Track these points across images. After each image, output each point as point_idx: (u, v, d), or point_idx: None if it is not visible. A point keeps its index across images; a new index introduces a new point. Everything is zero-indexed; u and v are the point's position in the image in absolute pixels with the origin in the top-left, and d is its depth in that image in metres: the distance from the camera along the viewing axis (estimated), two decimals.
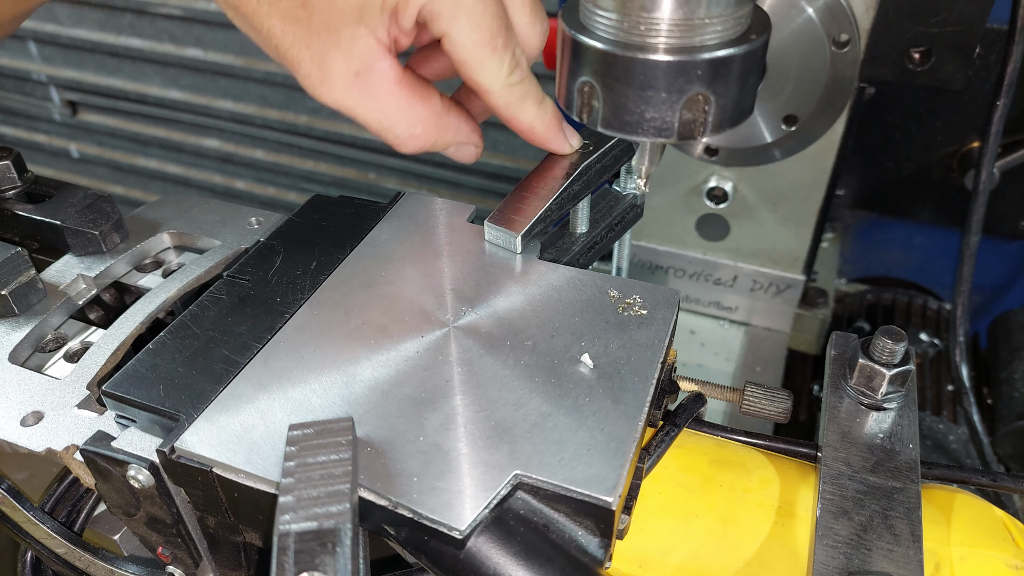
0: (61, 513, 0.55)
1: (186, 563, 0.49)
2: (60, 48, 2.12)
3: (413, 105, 0.50)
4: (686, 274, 1.22)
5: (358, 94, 0.48)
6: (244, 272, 0.54)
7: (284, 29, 0.47)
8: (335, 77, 0.47)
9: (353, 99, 0.49)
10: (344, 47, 0.47)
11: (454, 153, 0.55)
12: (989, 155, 0.92)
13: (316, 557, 0.33)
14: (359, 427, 0.42)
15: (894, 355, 0.47)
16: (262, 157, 2.10)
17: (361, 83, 0.48)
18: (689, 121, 0.40)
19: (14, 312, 0.55)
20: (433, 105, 0.51)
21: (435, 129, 0.52)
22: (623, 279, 0.52)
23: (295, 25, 0.46)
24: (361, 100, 0.49)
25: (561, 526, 0.40)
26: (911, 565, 0.39)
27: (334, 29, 0.46)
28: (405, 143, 0.52)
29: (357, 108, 0.49)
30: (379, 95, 0.49)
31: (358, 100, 0.49)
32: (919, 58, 0.88)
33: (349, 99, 0.49)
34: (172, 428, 0.43)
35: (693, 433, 0.51)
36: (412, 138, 0.51)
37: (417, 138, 0.52)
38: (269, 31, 0.47)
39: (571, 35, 0.42)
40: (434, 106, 0.51)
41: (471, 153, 0.56)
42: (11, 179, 0.63)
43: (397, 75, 0.49)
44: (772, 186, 1.08)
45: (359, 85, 0.48)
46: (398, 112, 0.50)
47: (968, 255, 0.98)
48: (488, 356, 0.46)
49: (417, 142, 0.52)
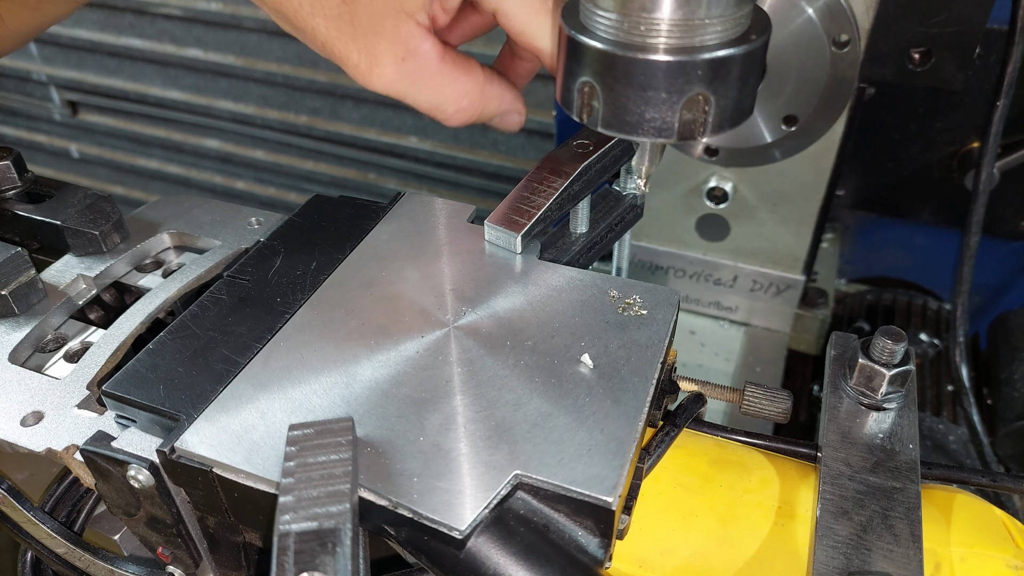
0: (61, 513, 0.55)
1: (186, 563, 0.49)
2: (60, 48, 2.13)
3: (457, 80, 0.52)
4: (686, 274, 1.22)
5: (407, 79, 0.50)
6: (244, 272, 0.54)
7: (328, 26, 0.48)
8: (383, 66, 0.49)
9: (403, 85, 0.50)
10: (389, 35, 0.48)
11: (499, 123, 0.57)
12: (989, 155, 0.92)
13: (316, 557, 0.33)
14: (359, 427, 0.42)
15: (894, 355, 0.47)
16: (262, 157, 2.10)
17: (408, 67, 0.50)
18: (689, 121, 0.40)
19: (14, 312, 0.55)
20: (476, 77, 0.53)
21: (480, 100, 0.53)
22: (623, 279, 0.52)
23: (339, 21, 0.48)
24: (410, 84, 0.51)
25: (561, 526, 0.40)
26: (911, 565, 0.39)
27: (377, 20, 0.48)
28: (452, 117, 0.53)
29: (407, 92, 0.51)
30: (425, 76, 0.51)
31: (407, 85, 0.51)
32: (919, 58, 0.88)
33: (399, 85, 0.50)
34: (172, 428, 0.43)
35: (693, 433, 0.51)
36: (459, 112, 0.53)
37: (464, 111, 0.53)
38: (313, 29, 0.48)
39: (571, 35, 0.42)
40: (477, 78, 0.53)
41: (516, 121, 0.57)
42: (11, 179, 0.63)
43: (439, 53, 0.50)
44: (772, 186, 1.08)
45: (406, 70, 0.50)
46: (444, 89, 0.51)
47: (968, 255, 0.98)
48: (488, 356, 0.46)
49: (464, 115, 0.54)
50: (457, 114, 0.53)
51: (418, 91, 0.51)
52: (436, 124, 1.92)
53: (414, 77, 0.50)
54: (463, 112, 0.53)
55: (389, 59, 0.49)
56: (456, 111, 0.53)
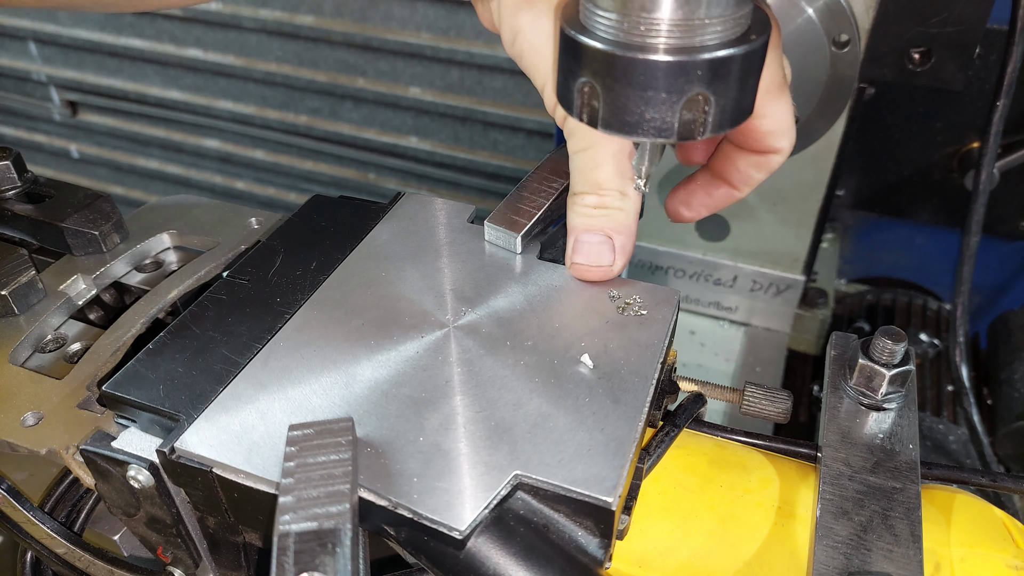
0: (61, 513, 0.55)
1: (186, 563, 0.49)
2: (60, 48, 2.13)
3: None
4: (686, 274, 1.22)
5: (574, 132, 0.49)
6: (244, 272, 0.54)
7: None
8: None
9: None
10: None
11: (577, 271, 0.53)
12: (989, 155, 0.92)
13: (316, 557, 0.33)
14: (359, 427, 0.42)
15: (894, 355, 0.47)
16: (262, 157, 2.10)
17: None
18: (689, 121, 0.40)
19: (14, 312, 0.55)
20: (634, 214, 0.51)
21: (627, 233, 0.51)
22: (623, 279, 0.52)
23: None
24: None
25: (561, 526, 0.40)
26: (911, 565, 0.39)
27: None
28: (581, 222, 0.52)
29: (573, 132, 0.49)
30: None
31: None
32: (919, 58, 0.88)
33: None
34: (172, 428, 0.43)
35: (693, 433, 0.51)
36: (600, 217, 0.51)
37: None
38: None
39: (571, 35, 0.41)
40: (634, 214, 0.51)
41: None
42: (11, 179, 0.63)
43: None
44: (772, 186, 1.08)
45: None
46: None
47: (968, 255, 0.98)
48: (488, 356, 0.46)
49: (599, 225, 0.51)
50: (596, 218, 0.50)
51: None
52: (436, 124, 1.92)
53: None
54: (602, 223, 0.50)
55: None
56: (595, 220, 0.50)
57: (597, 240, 0.51)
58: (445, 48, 1.94)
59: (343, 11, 1.79)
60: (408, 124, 1.93)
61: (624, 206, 0.50)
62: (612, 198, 0.50)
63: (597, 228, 0.51)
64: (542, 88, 0.49)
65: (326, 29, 1.80)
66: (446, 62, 1.99)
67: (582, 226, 0.51)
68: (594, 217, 0.50)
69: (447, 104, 2.01)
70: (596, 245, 0.51)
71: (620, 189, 0.49)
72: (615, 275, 0.52)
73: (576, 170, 0.50)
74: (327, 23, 1.80)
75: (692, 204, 0.58)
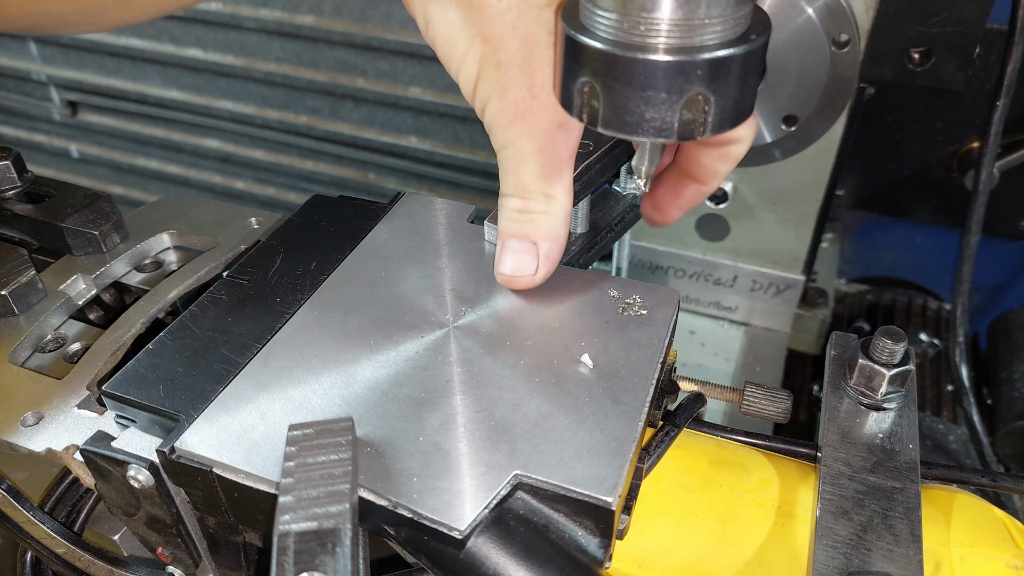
0: (61, 513, 0.55)
1: (186, 563, 0.49)
2: (60, 48, 2.13)
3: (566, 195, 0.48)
4: (686, 274, 1.22)
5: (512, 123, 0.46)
6: (244, 272, 0.54)
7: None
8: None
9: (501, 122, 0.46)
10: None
11: (508, 278, 0.50)
12: (989, 155, 0.92)
13: (316, 557, 0.33)
14: (359, 427, 0.42)
15: (894, 355, 0.47)
16: (262, 157, 2.10)
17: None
18: (689, 121, 0.40)
19: (14, 312, 0.55)
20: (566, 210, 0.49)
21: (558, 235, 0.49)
22: (623, 279, 0.52)
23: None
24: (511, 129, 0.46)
25: (561, 526, 0.40)
26: (911, 565, 0.39)
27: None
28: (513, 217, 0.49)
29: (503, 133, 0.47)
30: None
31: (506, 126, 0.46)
32: (919, 58, 0.88)
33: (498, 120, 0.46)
34: (172, 428, 0.43)
35: (693, 433, 0.51)
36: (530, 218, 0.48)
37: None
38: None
39: (571, 35, 0.41)
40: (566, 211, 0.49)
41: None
42: (11, 179, 0.63)
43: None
44: (772, 186, 1.08)
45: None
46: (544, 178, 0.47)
47: (968, 255, 0.98)
48: (488, 356, 0.46)
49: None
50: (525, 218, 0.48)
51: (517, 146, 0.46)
52: (436, 124, 1.92)
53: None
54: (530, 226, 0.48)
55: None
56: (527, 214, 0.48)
57: (521, 247, 0.48)
58: None
59: (343, 11, 1.79)
60: (408, 124, 1.93)
61: (550, 210, 0.47)
62: (536, 202, 0.47)
63: (521, 234, 0.48)
64: (455, 76, 0.47)
65: (326, 29, 1.80)
66: None
67: (507, 231, 0.48)
68: (519, 222, 0.48)
69: (447, 104, 2.01)
70: (520, 253, 0.48)
71: (544, 192, 0.47)
72: (537, 284, 0.49)
73: (500, 169, 0.47)
74: (327, 23, 1.80)
75: (663, 207, 0.56)
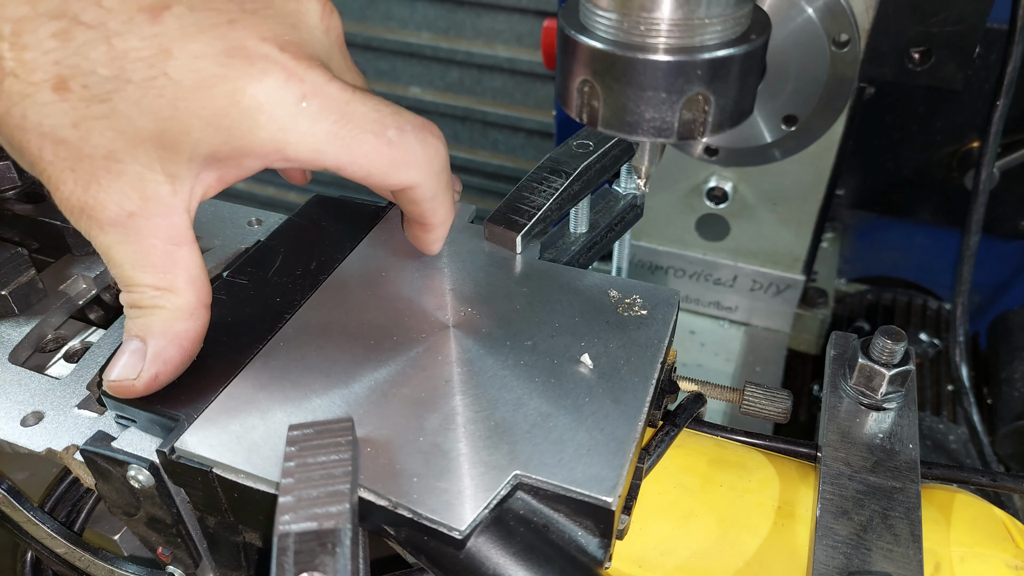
0: (61, 513, 0.55)
1: (186, 563, 0.49)
2: None
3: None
4: (686, 274, 1.23)
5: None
6: (244, 272, 0.54)
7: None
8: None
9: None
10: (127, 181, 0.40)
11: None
12: (989, 155, 0.92)
13: (316, 557, 0.33)
14: (359, 427, 0.42)
15: (894, 355, 0.47)
16: None
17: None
18: (689, 121, 0.41)
19: (14, 312, 0.55)
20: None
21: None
22: (623, 279, 0.52)
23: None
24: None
25: (561, 526, 0.40)
26: (911, 565, 0.39)
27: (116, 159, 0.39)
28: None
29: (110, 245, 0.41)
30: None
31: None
32: (919, 58, 0.88)
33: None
34: (172, 428, 0.43)
35: (693, 433, 0.51)
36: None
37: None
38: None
39: (571, 35, 0.42)
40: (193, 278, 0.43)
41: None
42: (11, 179, 0.63)
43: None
44: (772, 186, 1.08)
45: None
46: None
47: (968, 255, 0.98)
48: (488, 356, 0.46)
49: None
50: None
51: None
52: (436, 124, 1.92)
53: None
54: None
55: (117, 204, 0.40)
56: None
57: (131, 348, 0.42)
58: (445, 48, 1.94)
59: (343, 11, 1.79)
60: None
61: (164, 303, 0.42)
62: (143, 295, 0.42)
63: (132, 333, 0.43)
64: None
65: None
66: (446, 62, 1.99)
67: (125, 332, 0.43)
68: (131, 319, 0.43)
69: (447, 104, 2.01)
70: (127, 355, 0.42)
71: (154, 284, 0.41)
72: (140, 392, 0.43)
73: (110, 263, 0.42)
74: None
75: (419, 241, 0.52)
